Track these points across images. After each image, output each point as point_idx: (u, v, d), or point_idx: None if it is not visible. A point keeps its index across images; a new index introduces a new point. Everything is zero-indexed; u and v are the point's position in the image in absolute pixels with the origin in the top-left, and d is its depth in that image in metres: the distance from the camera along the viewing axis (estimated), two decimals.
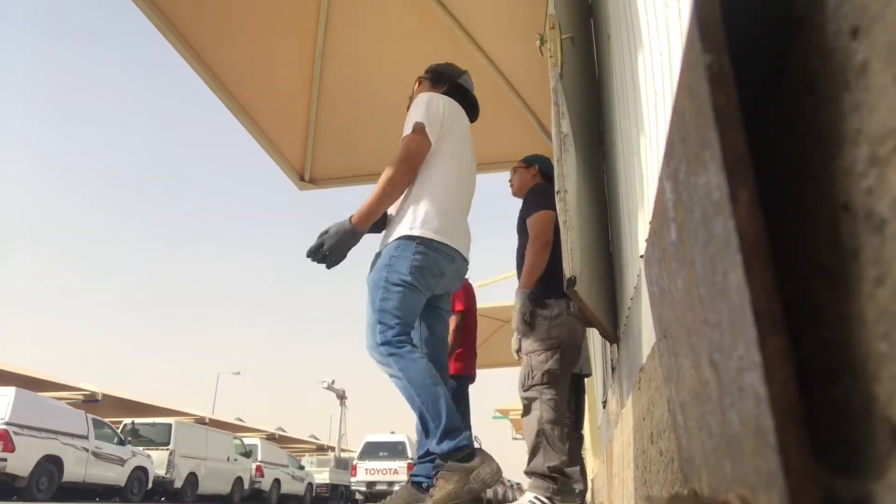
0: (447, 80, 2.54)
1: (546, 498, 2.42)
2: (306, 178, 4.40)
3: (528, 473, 2.51)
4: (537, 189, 2.86)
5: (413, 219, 2.16)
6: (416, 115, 2.25)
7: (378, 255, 2.23)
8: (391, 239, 2.19)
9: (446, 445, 1.95)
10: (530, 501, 2.43)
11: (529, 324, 2.62)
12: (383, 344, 2.06)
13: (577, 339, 2.64)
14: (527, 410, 2.57)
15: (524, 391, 2.58)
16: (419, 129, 2.21)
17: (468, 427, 2.67)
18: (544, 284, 2.61)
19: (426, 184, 2.22)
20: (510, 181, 3.14)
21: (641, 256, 1.65)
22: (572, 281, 1.99)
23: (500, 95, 4.16)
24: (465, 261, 2.31)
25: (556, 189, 2.07)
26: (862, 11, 0.36)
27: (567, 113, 2.12)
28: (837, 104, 0.39)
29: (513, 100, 4.18)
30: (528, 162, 3.10)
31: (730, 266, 0.41)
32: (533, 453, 2.51)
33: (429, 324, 2.31)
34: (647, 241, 0.82)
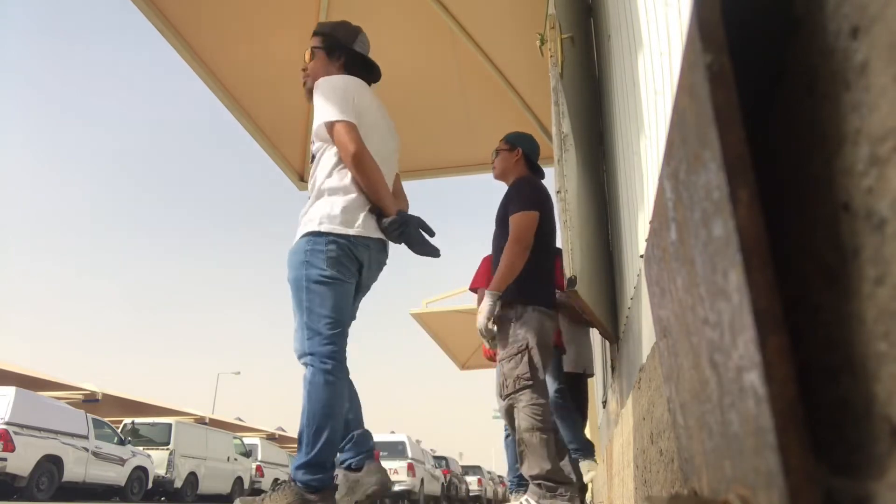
0: (343, 51, 2.36)
1: (535, 502, 2.38)
2: (306, 178, 4.40)
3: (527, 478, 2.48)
4: (524, 182, 2.72)
5: (321, 214, 2.10)
6: (326, 111, 2.12)
7: (290, 252, 2.16)
8: (299, 236, 2.13)
9: (301, 475, 1.98)
10: (520, 502, 2.40)
11: (495, 328, 2.50)
12: (309, 353, 2.02)
13: (547, 338, 2.52)
14: (508, 420, 2.47)
15: (502, 400, 2.49)
16: (345, 129, 2.09)
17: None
18: (520, 285, 2.50)
19: (336, 177, 2.14)
20: (492, 164, 2.97)
21: (641, 256, 1.65)
22: (573, 281, 1.99)
23: (500, 95, 4.16)
24: (384, 248, 2.21)
25: (557, 189, 2.07)
26: (862, 11, 0.36)
27: (567, 113, 2.12)
28: (837, 104, 0.39)
29: (513, 100, 4.18)
30: (511, 143, 2.90)
31: (730, 266, 0.41)
32: (520, 461, 2.43)
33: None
34: (647, 240, 0.82)
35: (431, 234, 2.21)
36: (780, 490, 0.36)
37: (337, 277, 2.07)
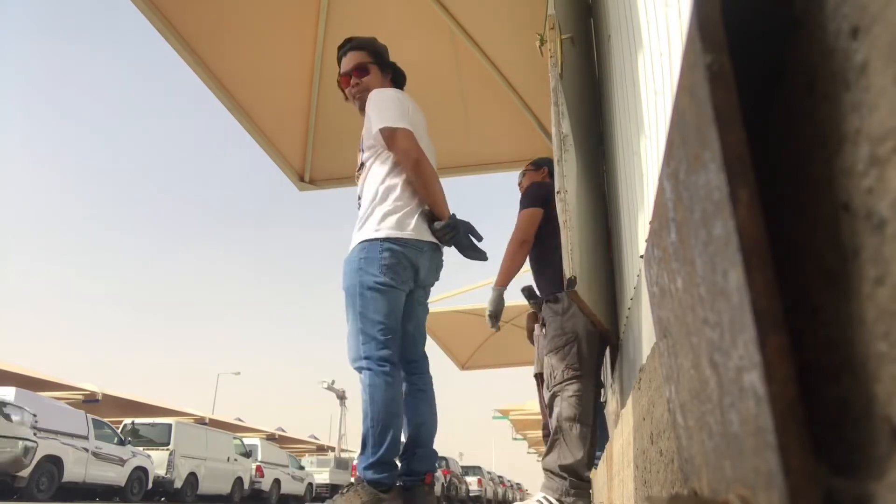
0: (390, 67, 2.49)
1: (555, 499, 2.38)
2: (306, 178, 4.39)
3: (543, 470, 2.48)
4: (534, 184, 2.84)
5: (376, 221, 2.16)
6: (387, 118, 2.20)
7: (345, 261, 2.22)
8: (355, 243, 2.19)
9: (370, 474, 2.01)
10: (538, 501, 2.40)
11: (545, 325, 2.58)
12: (365, 357, 2.07)
13: (591, 329, 2.55)
14: (550, 409, 2.51)
15: (548, 392, 2.52)
16: (407, 136, 2.17)
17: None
18: (552, 278, 2.56)
19: (390, 185, 2.21)
20: (519, 184, 3.15)
21: (641, 256, 1.64)
22: (572, 281, 1.99)
23: (500, 95, 4.15)
24: (438, 250, 2.28)
25: (556, 189, 2.07)
26: (862, 11, 0.36)
27: (567, 113, 2.12)
28: (837, 104, 0.39)
29: (513, 100, 4.18)
30: (537, 165, 3.10)
31: (730, 266, 0.41)
32: (549, 449, 2.44)
33: (405, 316, 2.26)
34: (647, 241, 0.82)
35: (479, 238, 2.29)
36: (780, 490, 0.36)
37: (390, 284, 2.12)
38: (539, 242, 2.73)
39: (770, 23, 0.47)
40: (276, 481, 17.07)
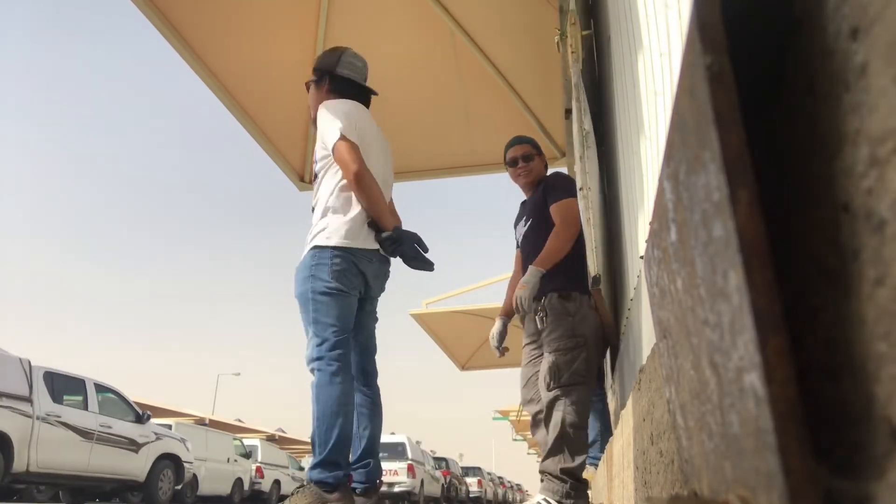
0: (326, 76, 2.49)
1: (556, 501, 2.38)
2: (306, 178, 4.39)
3: (541, 472, 2.48)
4: (558, 175, 2.76)
5: (327, 230, 2.22)
6: (328, 132, 2.25)
7: (297, 268, 2.28)
8: (306, 251, 2.25)
9: (315, 474, 2.04)
10: (537, 502, 2.40)
11: (548, 317, 2.51)
12: (317, 358, 2.12)
13: (600, 335, 2.57)
14: (549, 410, 2.47)
15: (548, 390, 2.47)
16: (347, 148, 2.22)
17: None
18: (568, 276, 2.51)
19: (339, 194, 2.26)
20: (523, 167, 2.92)
21: (641, 257, 1.64)
22: (597, 279, 1.97)
23: (500, 95, 4.16)
24: (386, 260, 2.34)
25: (579, 186, 2.05)
26: (862, 12, 0.36)
27: (588, 109, 2.10)
28: (837, 105, 0.39)
29: (513, 100, 4.18)
30: (538, 149, 2.93)
31: (730, 266, 0.41)
32: (550, 453, 2.43)
33: (356, 327, 2.31)
34: (646, 241, 0.82)
35: (425, 249, 2.34)
36: (780, 491, 0.36)
37: (341, 289, 2.18)
38: None
39: (770, 24, 0.47)
40: (277, 482, 17.06)
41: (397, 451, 16.68)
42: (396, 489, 15.81)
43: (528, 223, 2.78)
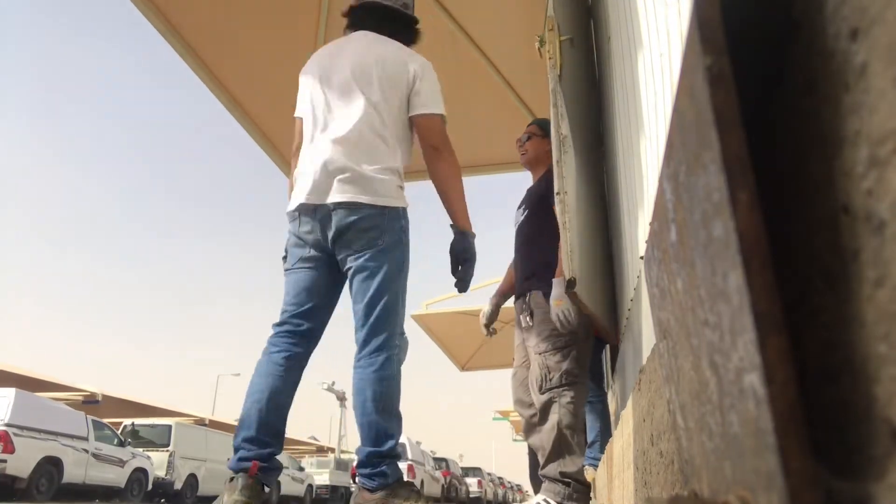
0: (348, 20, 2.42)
1: (556, 502, 2.36)
2: None
3: (542, 476, 2.45)
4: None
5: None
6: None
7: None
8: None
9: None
10: (537, 503, 2.39)
11: (534, 316, 2.49)
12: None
13: (590, 332, 2.50)
14: (543, 413, 2.41)
15: (540, 393, 2.41)
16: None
17: None
18: (552, 272, 2.45)
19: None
20: (522, 146, 2.88)
21: (641, 258, 1.65)
22: (572, 282, 1.98)
23: (500, 96, 4.16)
24: (310, 209, 2.02)
25: (556, 190, 2.06)
26: (861, 13, 0.36)
27: (566, 115, 2.11)
28: (837, 105, 0.39)
29: (513, 100, 4.18)
30: (546, 130, 2.78)
31: (730, 267, 0.41)
32: (549, 458, 2.38)
33: (354, 298, 2.06)
34: (646, 242, 0.82)
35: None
36: (780, 492, 0.36)
37: (287, 268, 2.17)
38: (551, 233, 2.62)
39: (770, 24, 0.47)
40: (277, 482, 17.07)
41: None
42: None
43: (525, 213, 2.73)
